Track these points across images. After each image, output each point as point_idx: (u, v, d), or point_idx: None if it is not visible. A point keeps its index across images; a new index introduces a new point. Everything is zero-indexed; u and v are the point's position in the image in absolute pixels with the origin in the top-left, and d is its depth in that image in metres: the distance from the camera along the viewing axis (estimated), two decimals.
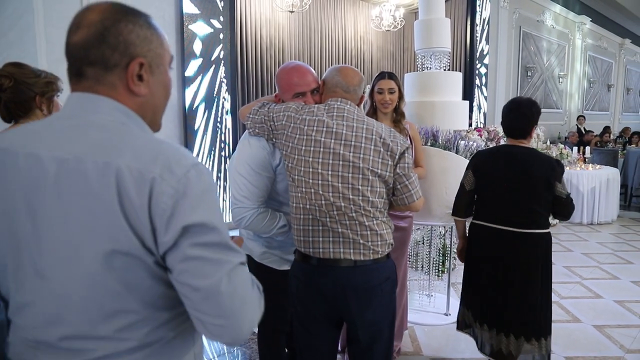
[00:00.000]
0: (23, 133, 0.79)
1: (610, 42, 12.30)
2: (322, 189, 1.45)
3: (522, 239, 2.04)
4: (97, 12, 0.75)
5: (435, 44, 2.93)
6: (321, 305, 1.52)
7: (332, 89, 1.58)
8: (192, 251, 0.70)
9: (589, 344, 2.84)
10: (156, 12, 4.00)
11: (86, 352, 0.74)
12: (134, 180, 0.69)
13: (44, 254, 0.73)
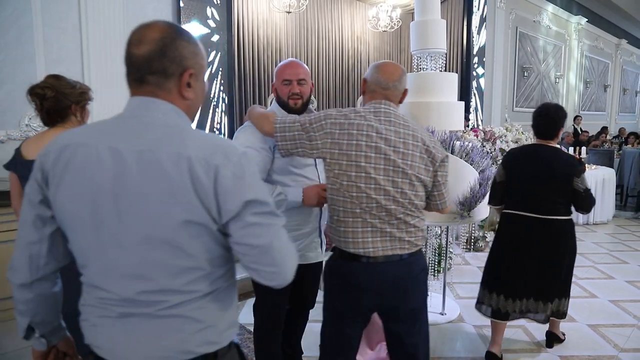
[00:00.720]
0: (96, 130, 0.95)
1: (607, 42, 12.35)
2: (376, 193, 1.53)
3: (545, 224, 2.41)
4: (158, 31, 0.92)
5: (431, 45, 2.94)
6: (366, 300, 1.61)
7: (372, 88, 1.63)
8: (250, 219, 0.91)
9: (583, 343, 2.87)
10: (153, 13, 4.01)
11: (160, 303, 0.93)
12: (202, 167, 0.88)
13: (126, 228, 0.90)
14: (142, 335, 0.94)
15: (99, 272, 0.95)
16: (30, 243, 0.99)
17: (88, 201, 0.91)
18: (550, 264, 2.47)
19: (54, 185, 0.94)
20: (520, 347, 2.80)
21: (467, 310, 3.29)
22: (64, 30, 3.54)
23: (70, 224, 0.95)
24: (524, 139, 5.89)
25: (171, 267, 0.92)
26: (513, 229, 2.53)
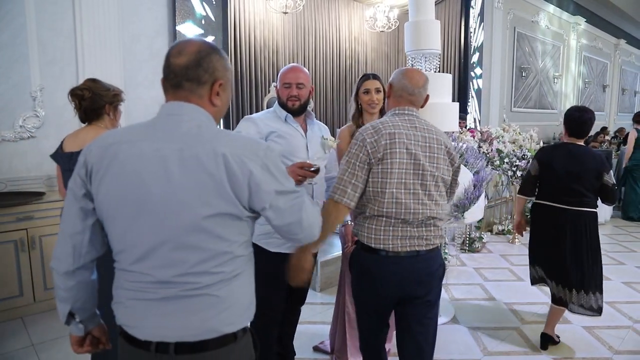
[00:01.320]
0: (137, 130, 1.08)
1: (605, 42, 12.33)
2: (406, 197, 1.64)
3: (573, 215, 2.66)
4: (196, 45, 1.08)
5: (425, 46, 2.93)
6: (389, 289, 1.72)
7: (398, 93, 1.74)
8: (282, 205, 1.09)
9: (577, 345, 2.86)
10: (148, 14, 4.00)
11: (193, 284, 1.04)
12: (236, 163, 1.02)
13: (167, 216, 1.01)
14: (174, 314, 1.04)
15: (137, 257, 1.05)
16: (74, 234, 1.09)
17: (132, 192, 1.02)
18: (585, 253, 2.68)
19: (98, 179, 1.05)
20: (514, 350, 2.79)
21: (462, 312, 3.28)
22: (58, 31, 3.53)
23: (113, 213, 1.05)
24: (521, 139, 5.88)
25: (204, 251, 1.04)
26: (545, 219, 2.78)
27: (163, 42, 4.10)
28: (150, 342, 1.05)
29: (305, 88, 2.04)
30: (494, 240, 5.24)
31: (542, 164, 2.78)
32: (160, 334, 1.05)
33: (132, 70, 3.93)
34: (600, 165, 2.65)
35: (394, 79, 1.78)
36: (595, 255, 2.70)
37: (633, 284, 3.94)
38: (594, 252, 2.70)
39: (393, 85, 1.77)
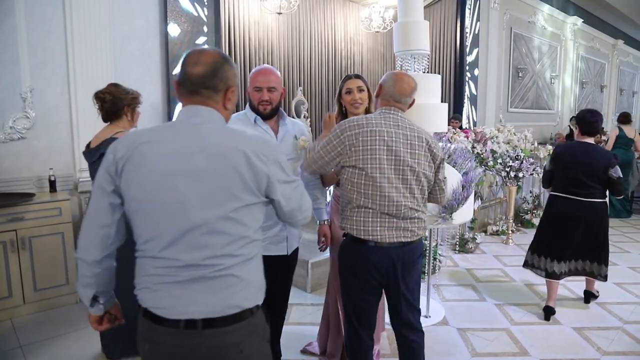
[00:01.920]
0: (163, 131, 1.21)
1: (603, 42, 12.33)
2: (388, 190, 1.79)
3: (585, 205, 3.11)
4: (211, 56, 1.22)
5: (414, 46, 2.93)
6: (375, 276, 1.89)
7: (386, 97, 1.91)
8: (289, 193, 1.28)
9: (566, 346, 2.85)
10: (139, 15, 4.00)
11: (218, 265, 1.17)
12: (256, 157, 1.18)
13: (198, 207, 1.14)
14: (200, 293, 1.17)
15: (167, 244, 1.16)
16: (103, 226, 1.21)
17: (164, 187, 1.14)
18: (588, 235, 3.16)
19: (129, 176, 1.16)
20: (502, 351, 2.78)
21: (452, 313, 3.28)
22: (48, 32, 3.52)
23: (144, 206, 1.16)
24: (516, 140, 5.87)
25: (229, 236, 1.17)
26: (559, 207, 3.22)
27: (154, 43, 4.10)
28: (179, 320, 1.16)
29: (276, 91, 2.01)
30: (488, 241, 5.24)
31: (556, 161, 3.24)
32: (188, 311, 1.16)
33: (123, 71, 3.93)
34: (607, 160, 3.06)
35: (385, 82, 1.93)
36: (604, 236, 3.22)
37: (625, 284, 3.93)
38: (602, 234, 3.21)
39: (383, 88, 1.93)
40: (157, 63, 4.13)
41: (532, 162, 4.95)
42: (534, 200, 6.11)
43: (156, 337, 1.19)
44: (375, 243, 1.83)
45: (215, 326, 1.17)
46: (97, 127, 3.75)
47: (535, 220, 5.89)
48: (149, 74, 4.10)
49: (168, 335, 1.17)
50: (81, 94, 3.66)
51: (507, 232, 5.24)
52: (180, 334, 1.16)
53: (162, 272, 1.17)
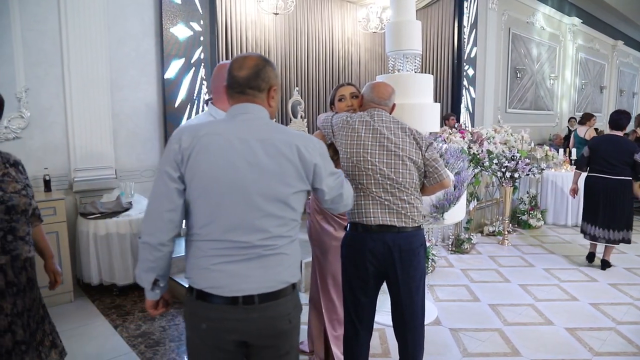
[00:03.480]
0: (221, 124, 1.35)
1: (603, 43, 12.31)
2: (373, 172, 1.90)
3: (614, 181, 4.17)
4: (254, 60, 1.37)
5: (406, 46, 2.93)
6: (372, 264, 1.92)
7: (367, 103, 2.08)
8: (331, 182, 1.44)
9: (558, 347, 2.85)
10: (134, 15, 4.01)
11: (272, 246, 1.33)
12: (305, 150, 1.34)
13: (257, 192, 1.28)
14: (255, 271, 1.31)
15: (228, 227, 1.29)
16: (169, 210, 1.30)
17: (226, 174, 1.28)
18: (619, 205, 4.18)
19: (194, 164, 1.28)
20: (494, 352, 2.78)
21: (445, 313, 3.27)
22: (42, 32, 3.53)
23: (207, 191, 1.28)
24: (513, 140, 5.86)
25: (282, 219, 1.33)
26: (595, 184, 4.27)
27: (150, 44, 4.11)
28: (237, 297, 1.29)
29: None
30: (484, 241, 5.23)
31: (592, 149, 4.31)
32: (245, 288, 1.30)
33: (118, 71, 3.94)
34: (632, 148, 4.14)
35: (364, 92, 2.12)
36: (629, 207, 4.22)
37: (619, 285, 3.93)
38: (627, 205, 4.21)
39: (364, 96, 2.11)
40: (152, 63, 4.13)
41: (528, 163, 4.94)
42: (530, 201, 6.10)
43: (215, 314, 1.31)
44: (370, 227, 1.89)
45: (269, 300, 1.32)
46: (92, 127, 3.80)
47: (532, 221, 5.88)
48: (144, 74, 4.11)
49: (227, 311, 1.30)
50: (76, 94, 3.68)
51: (503, 232, 5.23)
52: (239, 309, 1.30)
53: (221, 252, 1.29)
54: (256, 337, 1.34)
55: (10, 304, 1.58)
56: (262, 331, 1.34)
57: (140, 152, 4.15)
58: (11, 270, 1.58)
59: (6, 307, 1.57)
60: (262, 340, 1.36)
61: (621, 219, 4.19)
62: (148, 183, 4.17)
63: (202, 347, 1.36)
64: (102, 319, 3.17)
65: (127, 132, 4.05)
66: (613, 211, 4.19)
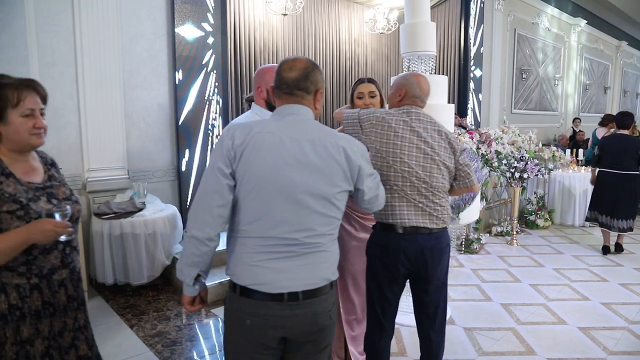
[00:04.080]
0: (272, 124, 1.36)
1: (607, 44, 12.32)
2: (409, 174, 1.89)
3: (623, 176, 4.67)
4: (303, 63, 1.41)
5: (421, 48, 2.94)
6: (404, 265, 1.93)
7: (411, 98, 1.99)
8: (370, 183, 1.48)
9: (572, 346, 2.86)
10: (147, 16, 4.03)
11: (317, 243, 1.36)
12: (351, 151, 1.38)
13: (306, 191, 1.31)
14: (300, 268, 1.34)
15: (275, 224, 1.30)
16: (219, 206, 1.31)
17: (277, 172, 1.29)
18: (625, 197, 4.69)
19: (245, 160, 1.30)
20: (509, 350, 2.79)
21: (458, 313, 3.29)
22: (57, 33, 3.56)
23: (258, 188, 1.30)
24: (520, 141, 5.87)
25: (327, 217, 1.36)
26: (606, 178, 4.79)
27: (162, 44, 4.13)
28: (282, 294, 1.31)
29: None
30: (493, 241, 5.24)
31: (603, 148, 4.82)
32: (289, 285, 1.32)
33: (130, 71, 3.96)
34: (638, 144, 4.64)
35: (407, 85, 2.00)
36: (634, 199, 4.73)
37: (630, 285, 3.94)
38: (633, 198, 4.72)
39: (406, 91, 2.00)
40: (164, 64, 4.15)
41: (537, 163, 4.96)
42: (538, 202, 6.11)
43: (260, 311, 1.32)
44: (404, 229, 1.90)
45: (312, 296, 1.35)
46: (105, 127, 3.82)
47: (540, 221, 5.90)
48: (156, 74, 4.13)
49: (272, 308, 1.32)
50: (89, 95, 3.70)
51: (511, 233, 5.24)
52: (284, 305, 1.32)
53: (267, 249, 1.31)
54: (299, 333, 1.36)
55: (72, 319, 1.53)
56: (305, 327, 1.36)
57: (152, 152, 4.17)
58: (71, 283, 1.53)
59: (70, 323, 1.52)
60: (304, 336, 1.37)
61: (628, 209, 4.69)
62: (159, 183, 4.20)
63: (244, 344, 1.36)
64: (117, 319, 3.18)
65: (139, 132, 4.07)
66: (620, 202, 4.68)
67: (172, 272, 3.76)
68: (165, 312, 3.31)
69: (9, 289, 1.37)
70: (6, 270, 1.37)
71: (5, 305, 1.36)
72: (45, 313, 1.45)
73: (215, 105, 4.40)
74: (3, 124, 1.39)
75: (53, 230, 1.34)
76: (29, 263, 1.40)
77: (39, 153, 1.58)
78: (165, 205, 3.86)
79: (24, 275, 1.39)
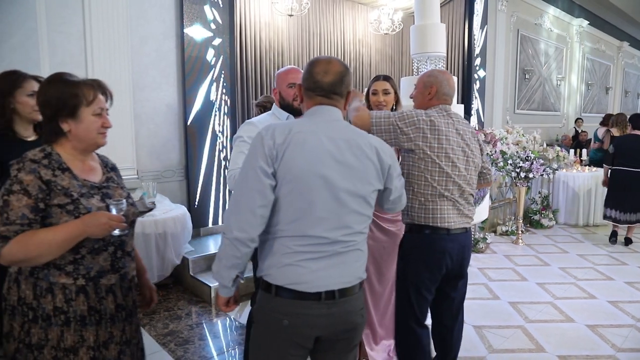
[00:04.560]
0: (311, 124, 1.37)
1: (609, 45, 12.35)
2: (459, 178, 1.93)
3: (636, 173, 4.93)
4: (338, 66, 1.42)
5: (431, 49, 2.98)
6: (446, 265, 1.97)
7: (442, 96, 2.00)
8: (398, 183, 1.51)
9: (581, 343, 2.89)
10: (156, 17, 4.06)
11: (353, 242, 1.38)
12: (382, 152, 1.42)
13: (341, 187, 1.32)
14: (337, 266, 1.34)
15: (314, 223, 1.31)
16: (261, 206, 1.29)
17: (316, 171, 1.30)
18: (636, 192, 4.96)
19: (287, 160, 1.29)
20: (519, 348, 2.82)
21: (467, 311, 3.25)
22: (68, 34, 3.59)
23: (299, 188, 1.30)
24: (525, 141, 5.89)
25: (362, 216, 1.38)
26: (620, 176, 5.06)
27: (170, 45, 4.16)
28: (320, 293, 1.32)
29: None
30: (498, 241, 5.27)
31: (616, 147, 5.10)
32: (327, 284, 1.32)
33: (139, 72, 3.99)
34: None
35: (438, 82, 1.99)
36: None
37: (636, 283, 3.97)
38: None
39: (439, 88, 1.99)
40: (173, 64, 4.19)
41: (543, 163, 4.99)
42: (542, 201, 6.14)
43: (298, 310, 1.32)
44: (448, 231, 1.94)
45: (347, 295, 1.36)
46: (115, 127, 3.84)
47: (544, 221, 5.93)
48: (165, 75, 4.16)
49: (310, 307, 1.32)
50: None
51: (517, 232, 5.27)
52: (322, 304, 1.32)
53: (305, 249, 1.31)
54: (334, 332, 1.37)
55: (120, 331, 1.46)
56: (340, 326, 1.36)
57: (161, 152, 4.20)
58: (120, 291, 1.46)
59: (116, 335, 1.45)
60: (338, 335, 1.39)
61: (637, 203, 5.01)
62: (168, 183, 4.23)
63: (278, 344, 1.35)
64: None
65: (148, 132, 4.10)
66: (630, 197, 4.98)
67: (181, 271, 3.80)
68: (176, 311, 3.34)
69: (56, 289, 1.34)
70: (54, 268, 1.34)
71: (50, 307, 1.33)
72: (91, 320, 1.39)
73: (224, 106, 4.43)
74: (74, 121, 1.37)
75: (108, 223, 1.31)
76: (76, 262, 1.36)
77: (100, 157, 1.57)
78: (175, 205, 3.89)
79: (71, 274, 1.35)
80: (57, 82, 1.40)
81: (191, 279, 3.72)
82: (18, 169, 1.31)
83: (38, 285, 1.34)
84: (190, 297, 3.60)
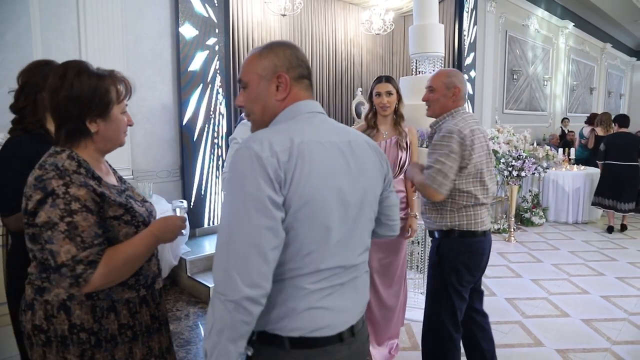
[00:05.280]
0: (311, 128, 1.07)
1: (592, 46, 12.60)
2: (490, 182, 2.00)
3: (627, 167, 5.62)
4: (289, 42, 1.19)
5: (429, 49, 3.02)
6: (484, 266, 2.09)
7: (463, 97, 2.05)
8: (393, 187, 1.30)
9: (577, 337, 2.95)
10: (151, 16, 4.03)
11: (364, 263, 1.15)
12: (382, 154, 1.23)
13: (354, 202, 1.08)
14: (352, 297, 1.11)
15: (331, 251, 1.04)
16: (274, 248, 0.95)
17: (328, 188, 1.02)
18: (629, 183, 5.62)
19: (299, 181, 0.97)
20: (518, 342, 2.87)
21: None
22: (62, 32, 3.54)
23: (315, 211, 0.99)
24: (515, 140, 5.99)
25: (371, 223, 1.17)
26: (610, 169, 5.70)
27: (165, 44, 4.13)
28: (342, 333, 1.06)
29: None
30: None
31: (607, 143, 5.74)
32: (347, 320, 1.08)
33: (135, 71, 3.95)
34: (638, 141, 5.69)
35: (460, 83, 2.01)
36: (636, 185, 5.70)
37: (626, 278, 4.06)
38: (635, 184, 5.69)
39: (461, 90, 2.02)
40: (168, 63, 4.15)
41: (534, 162, 5.07)
42: (533, 199, 6.24)
43: (319, 359, 1.05)
44: (484, 232, 2.02)
45: (361, 326, 1.14)
46: None
47: (535, 218, 6.03)
48: (160, 74, 4.12)
49: (332, 352, 1.05)
50: None
51: (509, 230, 5.35)
52: (344, 345, 1.07)
53: (322, 285, 1.04)
54: None
55: (157, 343, 1.34)
56: (357, 359, 1.14)
57: (156, 152, 4.16)
58: (152, 300, 1.34)
59: (154, 347, 1.33)
60: None
61: (631, 193, 5.67)
62: (164, 184, 4.19)
63: None
64: None
65: (143, 132, 4.06)
66: (624, 188, 5.61)
67: (179, 272, 3.77)
68: (175, 312, 3.31)
69: (119, 306, 1.23)
70: (117, 285, 1.22)
71: (115, 326, 1.21)
72: (154, 328, 1.31)
73: (219, 105, 4.42)
74: (105, 120, 1.21)
75: (179, 227, 1.23)
76: (137, 274, 1.26)
77: None
78: None
79: (134, 287, 1.26)
80: (86, 75, 1.18)
81: (189, 280, 3.70)
82: (65, 184, 1.12)
83: (97, 307, 1.19)
84: (188, 298, 3.58)
